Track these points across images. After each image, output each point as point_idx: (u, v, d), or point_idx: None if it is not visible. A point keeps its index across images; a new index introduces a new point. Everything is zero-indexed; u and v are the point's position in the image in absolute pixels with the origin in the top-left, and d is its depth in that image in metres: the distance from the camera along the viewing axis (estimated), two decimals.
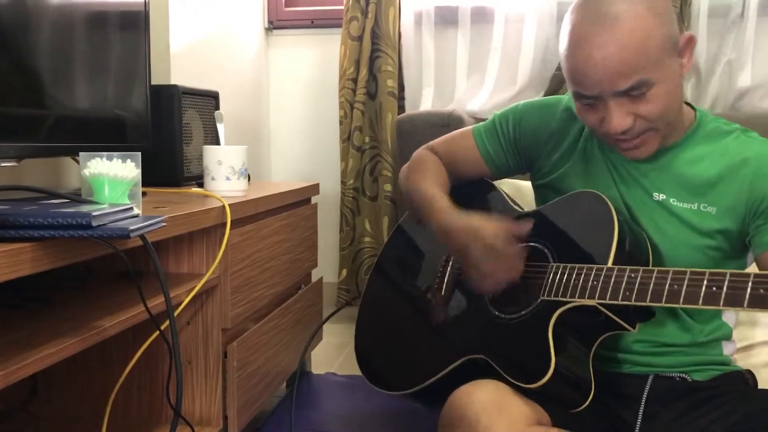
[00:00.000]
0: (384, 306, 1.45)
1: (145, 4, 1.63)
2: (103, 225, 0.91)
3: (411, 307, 1.39)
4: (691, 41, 1.15)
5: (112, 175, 1.09)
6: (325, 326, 2.19)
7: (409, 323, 1.37)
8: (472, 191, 1.42)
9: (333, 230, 2.87)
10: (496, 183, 1.45)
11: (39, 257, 0.88)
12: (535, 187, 1.39)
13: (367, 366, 1.39)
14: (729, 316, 1.26)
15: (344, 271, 2.76)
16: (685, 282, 0.98)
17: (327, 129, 2.88)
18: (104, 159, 1.09)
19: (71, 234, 0.88)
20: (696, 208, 1.17)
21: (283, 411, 1.83)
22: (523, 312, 1.16)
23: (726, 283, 0.93)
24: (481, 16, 2.61)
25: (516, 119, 1.35)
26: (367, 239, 2.74)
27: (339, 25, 2.69)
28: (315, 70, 2.89)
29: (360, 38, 2.64)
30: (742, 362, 1.49)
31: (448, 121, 2.10)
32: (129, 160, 1.12)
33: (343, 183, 2.73)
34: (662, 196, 1.19)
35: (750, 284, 0.91)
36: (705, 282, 0.96)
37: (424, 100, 2.66)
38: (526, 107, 1.36)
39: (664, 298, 1.00)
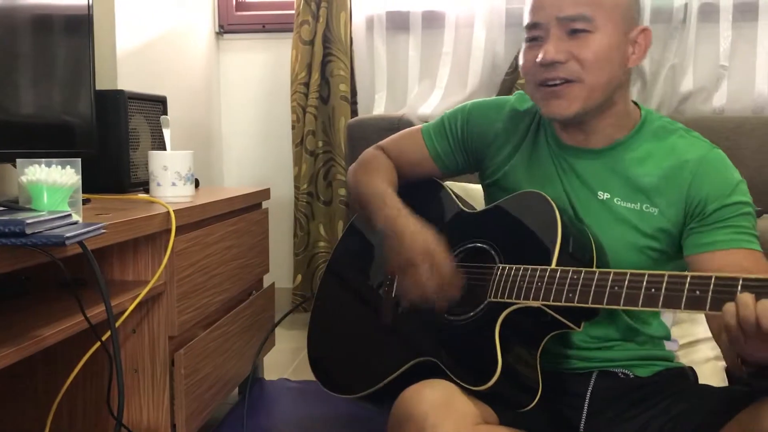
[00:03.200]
0: (336, 308, 1.45)
1: (89, 7, 1.61)
2: (39, 233, 0.89)
3: (362, 309, 1.39)
4: (645, 37, 1.18)
5: (51, 182, 1.08)
6: (278, 332, 2.18)
7: (360, 326, 1.37)
8: (420, 190, 1.42)
9: (287, 235, 2.85)
10: (446, 183, 1.46)
11: None
12: (484, 186, 1.40)
13: (320, 370, 1.39)
14: (666, 316, 1.29)
15: (299, 277, 2.76)
16: (626, 284, 1.00)
17: (280, 133, 2.87)
18: (42, 165, 1.08)
19: (4, 242, 0.86)
20: (639, 208, 1.19)
21: (235, 418, 1.81)
22: (471, 314, 1.17)
23: (664, 285, 0.96)
24: (432, 21, 2.63)
25: (464, 118, 1.36)
26: (321, 244, 2.74)
27: (290, 30, 2.68)
28: (267, 75, 2.88)
29: (312, 42, 2.64)
30: (685, 359, 1.54)
31: (398, 126, 2.11)
32: (69, 167, 1.10)
33: (296, 187, 2.72)
34: (607, 195, 1.21)
35: (687, 286, 0.93)
36: (644, 284, 0.98)
37: (377, 105, 2.66)
38: (474, 107, 1.37)
39: (606, 299, 1.02)
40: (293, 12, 2.66)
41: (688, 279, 0.94)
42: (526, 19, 1.19)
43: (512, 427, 1.12)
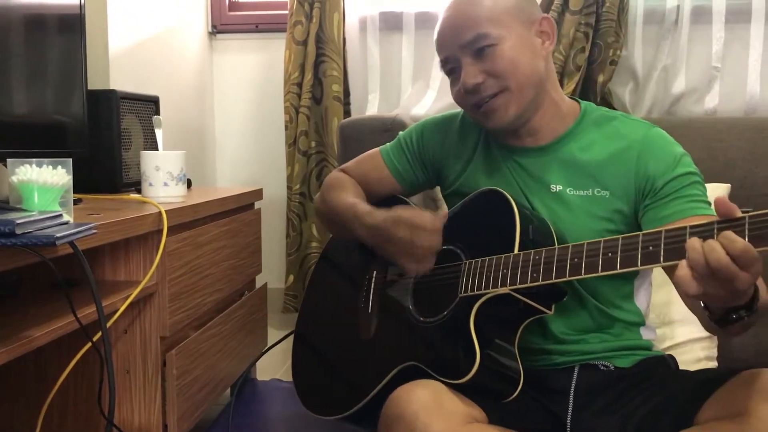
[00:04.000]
0: (317, 326, 1.48)
1: (81, 7, 1.60)
2: (29, 233, 0.89)
3: (342, 325, 1.40)
4: (548, 23, 1.27)
5: (42, 182, 1.07)
6: (270, 333, 2.18)
7: (341, 343, 1.39)
8: (383, 206, 1.44)
9: (279, 236, 2.85)
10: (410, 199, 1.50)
11: None
12: (445, 198, 1.46)
13: (308, 397, 1.41)
14: (641, 300, 1.31)
15: (291, 277, 2.75)
16: (584, 253, 1.03)
17: (272, 134, 2.86)
18: (33, 165, 1.07)
19: None
20: (591, 193, 1.25)
21: (227, 419, 1.81)
22: (445, 312, 1.20)
23: (619, 247, 0.98)
24: (426, 22, 2.63)
25: (418, 134, 1.45)
26: (314, 244, 2.73)
27: (283, 30, 2.68)
28: (260, 75, 2.87)
29: (305, 43, 2.63)
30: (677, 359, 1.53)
31: (390, 126, 2.11)
32: (60, 167, 1.10)
33: (289, 188, 2.72)
34: (559, 187, 1.27)
35: (640, 244, 0.96)
36: (601, 250, 1.01)
37: (370, 105, 2.66)
38: (427, 122, 1.46)
39: (567, 271, 1.04)
40: (286, 12, 2.66)
41: (641, 237, 0.96)
42: (439, 56, 1.29)
43: (501, 425, 1.12)
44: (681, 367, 1.34)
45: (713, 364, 1.65)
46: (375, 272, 1.39)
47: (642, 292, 1.32)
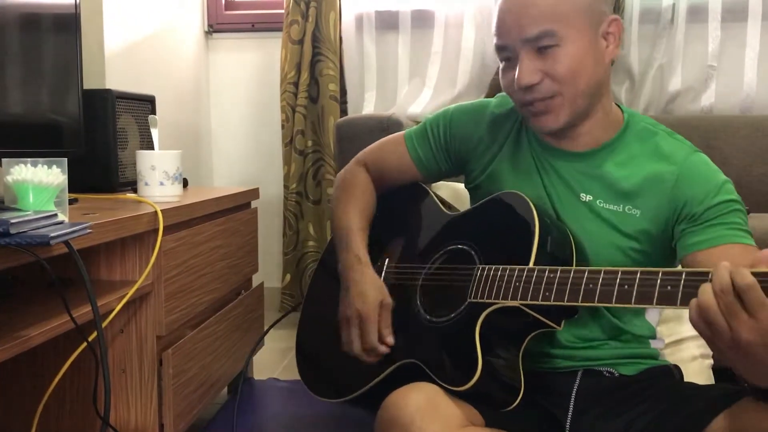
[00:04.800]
0: (322, 314, 1.46)
1: (76, 6, 1.60)
2: (23, 232, 0.89)
3: None
4: (617, 25, 1.18)
5: (37, 182, 1.07)
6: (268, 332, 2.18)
7: None
8: (404, 194, 1.43)
9: (276, 235, 2.85)
10: (432, 186, 1.46)
11: None
12: (469, 190, 1.40)
13: (308, 375, 1.40)
14: (651, 315, 1.30)
15: (288, 276, 2.75)
16: (600, 281, 1.00)
17: (269, 133, 2.86)
18: (29, 165, 1.07)
19: None
20: (621, 209, 1.19)
21: (224, 418, 1.81)
22: (452, 315, 1.18)
23: (637, 281, 0.96)
24: (422, 21, 2.64)
25: (446, 123, 1.36)
26: (310, 243, 2.74)
27: (280, 29, 2.68)
28: (256, 74, 2.87)
29: (301, 42, 2.64)
30: (671, 357, 1.54)
31: (387, 125, 2.11)
32: (55, 166, 1.10)
33: (285, 187, 2.72)
34: (589, 198, 1.21)
35: (659, 281, 0.94)
36: (617, 280, 0.98)
37: (366, 104, 2.67)
38: (456, 111, 1.37)
39: (581, 297, 1.02)
40: (282, 11, 2.66)
41: (660, 274, 0.94)
42: (496, 41, 1.20)
43: (498, 428, 1.12)
44: (676, 364, 1.33)
45: (708, 362, 1.65)
46: (387, 261, 1.37)
47: (653, 309, 1.30)
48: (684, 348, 1.64)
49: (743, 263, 0.82)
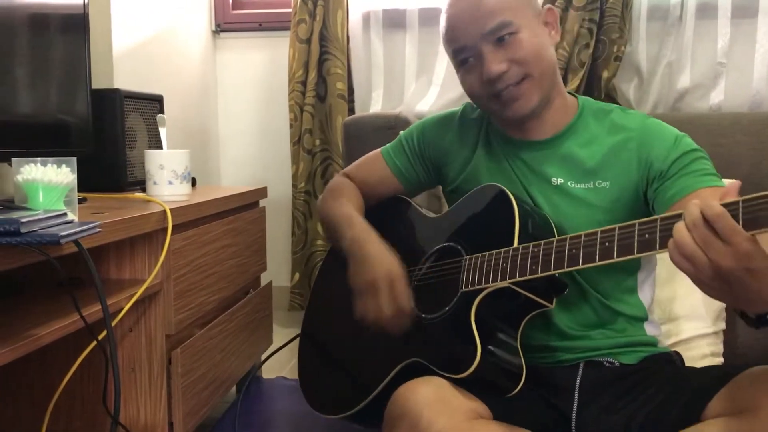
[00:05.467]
0: (322, 325, 1.48)
1: (84, 6, 1.61)
2: (33, 231, 0.89)
3: (346, 323, 1.39)
4: (551, 14, 1.29)
5: (47, 181, 1.08)
6: (275, 330, 2.18)
7: (345, 341, 1.40)
8: (387, 206, 1.48)
9: (285, 234, 2.85)
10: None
11: None
12: (446, 194, 1.47)
13: (312, 394, 1.42)
14: (644, 295, 1.31)
15: (297, 275, 2.75)
16: (581, 244, 1.03)
17: (277, 132, 2.86)
18: (38, 165, 1.08)
19: None
20: (592, 186, 1.25)
21: (233, 416, 1.81)
22: (447, 308, 1.20)
23: (616, 236, 0.98)
24: (429, 19, 2.63)
25: (419, 133, 1.46)
26: (319, 242, 2.73)
27: (287, 28, 2.68)
28: (264, 73, 2.87)
29: (308, 41, 2.63)
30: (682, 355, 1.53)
31: (394, 123, 2.10)
32: (64, 166, 1.10)
33: (294, 186, 2.72)
34: (560, 180, 1.27)
35: (636, 231, 0.95)
36: (598, 239, 1.00)
37: (374, 102, 2.66)
38: (426, 122, 1.47)
39: (566, 262, 1.04)
40: (290, 10, 2.66)
41: (637, 225, 0.96)
42: (453, 46, 1.26)
43: (506, 421, 1.12)
44: (687, 364, 1.33)
45: (719, 360, 1.65)
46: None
47: (646, 287, 1.32)
48: (694, 347, 1.63)
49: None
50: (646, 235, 0.94)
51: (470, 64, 1.25)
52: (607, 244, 0.99)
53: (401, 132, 1.50)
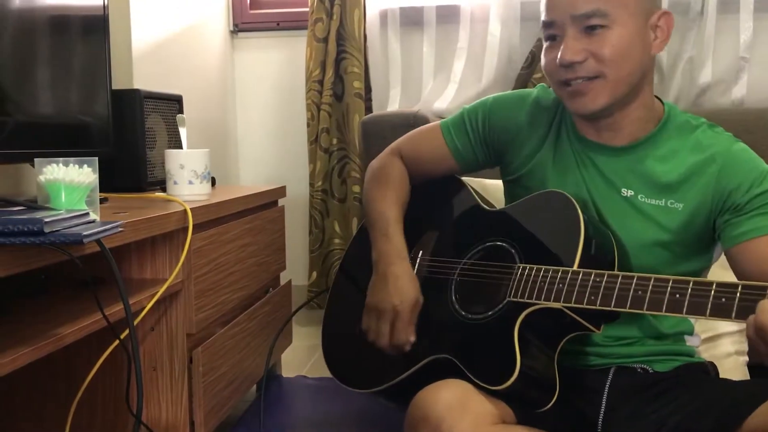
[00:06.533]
0: (349, 305, 1.44)
1: (104, 8, 1.61)
2: (57, 231, 0.90)
3: None
4: (666, 20, 1.17)
5: (69, 181, 1.08)
6: (294, 329, 2.19)
7: None
8: (440, 187, 1.41)
9: (302, 233, 2.86)
10: (466, 180, 1.45)
11: None
12: (505, 182, 1.38)
13: (335, 364, 1.39)
14: None
15: (314, 274, 2.76)
16: (650, 288, 0.99)
17: (294, 131, 2.87)
18: (60, 165, 1.08)
19: (23, 241, 0.86)
20: (663, 204, 1.18)
21: (253, 415, 1.82)
22: (490, 313, 1.17)
23: (689, 291, 0.94)
24: (447, 16, 2.62)
25: (485, 113, 1.34)
26: (336, 241, 2.74)
27: (304, 27, 2.68)
28: (281, 73, 2.88)
29: (325, 40, 2.64)
30: (706, 353, 1.51)
31: (413, 122, 2.10)
32: (86, 166, 1.10)
33: (311, 185, 2.72)
34: (630, 193, 1.20)
35: (712, 293, 0.92)
36: (669, 289, 0.97)
37: (391, 101, 2.66)
38: (495, 101, 1.35)
39: (629, 303, 1.01)
40: (307, 10, 2.66)
41: (714, 285, 0.92)
42: (543, 17, 1.18)
43: (529, 425, 1.11)
44: (712, 362, 1.31)
45: (743, 358, 1.62)
46: (420, 253, 1.35)
47: None
48: (719, 344, 1.61)
49: None
50: (723, 299, 0.90)
51: (554, 43, 1.16)
52: (677, 296, 0.95)
53: (464, 107, 1.39)
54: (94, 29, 1.59)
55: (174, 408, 1.42)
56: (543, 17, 1.18)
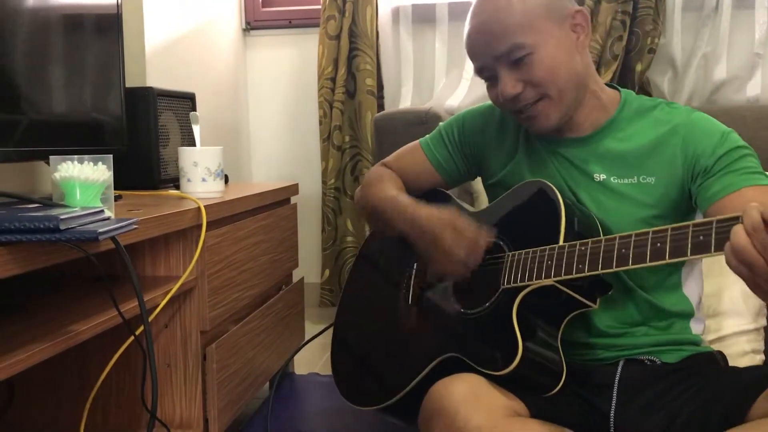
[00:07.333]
0: (357, 318, 1.48)
1: (118, 6, 1.62)
2: (72, 228, 0.90)
3: (382, 316, 1.40)
4: (582, 16, 1.22)
5: (83, 178, 1.08)
6: (307, 327, 2.19)
7: (381, 333, 1.39)
8: (425, 198, 1.44)
9: (315, 230, 2.86)
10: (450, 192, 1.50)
11: (7, 262, 0.87)
12: (486, 188, 1.44)
13: (346, 386, 1.41)
14: (691, 290, 1.28)
15: (327, 271, 2.76)
16: (632, 243, 1.00)
17: (307, 129, 2.87)
18: (75, 162, 1.08)
19: (39, 238, 0.87)
20: (636, 181, 1.22)
21: (266, 412, 1.82)
22: (487, 304, 1.19)
23: (668, 237, 0.96)
24: (459, 14, 2.61)
25: (459, 125, 1.43)
26: (349, 239, 2.74)
27: (317, 25, 2.68)
28: (293, 70, 2.88)
29: (338, 37, 2.63)
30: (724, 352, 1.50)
31: (425, 119, 2.10)
32: (100, 163, 1.11)
33: (324, 183, 2.72)
34: (603, 176, 1.24)
35: (690, 233, 0.93)
36: (650, 240, 0.98)
37: (403, 98, 2.66)
38: (467, 113, 1.45)
39: (615, 262, 1.02)
40: (319, 7, 2.66)
41: (691, 226, 0.93)
42: (473, 65, 1.26)
43: (543, 418, 1.11)
44: (721, 352, 1.30)
45: (760, 357, 1.61)
46: (416, 264, 1.38)
47: (691, 282, 1.29)
48: (733, 343, 1.60)
49: (762, 203, 0.83)
50: (701, 237, 0.91)
51: (492, 82, 1.24)
52: (659, 244, 0.96)
53: (440, 124, 1.48)
54: (108, 28, 1.60)
55: (188, 404, 1.43)
56: (474, 65, 1.25)
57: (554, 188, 1.20)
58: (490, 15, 1.19)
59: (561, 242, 1.12)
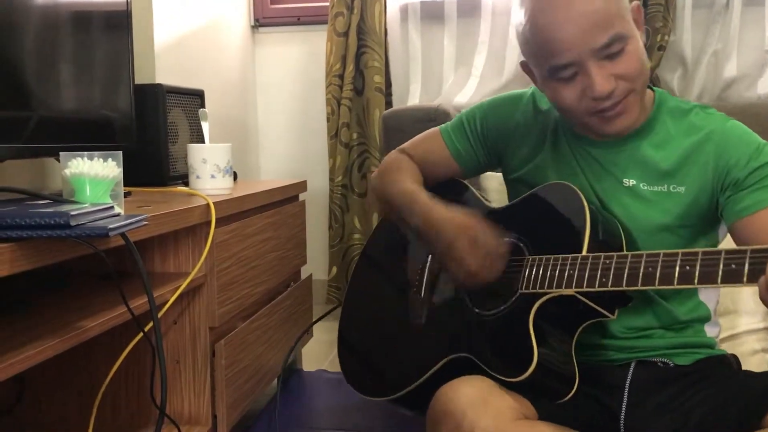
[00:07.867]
0: (365, 309, 1.46)
1: (127, 4, 1.62)
2: (82, 224, 0.90)
3: (392, 309, 1.39)
4: (638, 11, 1.17)
5: (93, 175, 1.08)
6: (315, 324, 2.19)
7: (391, 326, 1.37)
8: (445, 191, 1.41)
9: (322, 227, 2.86)
10: (467, 182, 1.46)
11: (17, 258, 0.87)
12: (507, 181, 1.39)
13: (354, 376, 1.40)
14: (708, 296, 1.26)
15: (334, 269, 2.76)
16: (659, 263, 0.98)
17: (315, 126, 2.87)
18: (85, 159, 1.09)
19: (49, 234, 0.87)
20: (666, 189, 1.18)
21: (274, 408, 1.82)
22: (503, 307, 1.17)
23: (699, 261, 0.93)
24: (467, 11, 2.61)
25: (482, 115, 1.37)
26: (356, 236, 2.74)
27: (325, 22, 2.68)
28: (302, 67, 2.88)
29: (346, 34, 2.63)
30: (730, 351, 1.50)
31: (434, 116, 2.09)
32: (110, 159, 1.11)
33: (331, 180, 2.72)
34: (632, 182, 1.20)
35: (722, 260, 0.91)
36: (678, 262, 0.96)
37: (412, 95, 2.65)
38: (491, 103, 1.38)
39: (640, 280, 1.00)
40: (327, 4, 2.66)
41: (723, 253, 0.91)
42: (552, 62, 1.12)
43: (552, 421, 1.10)
44: (735, 355, 1.29)
45: None
46: (430, 257, 1.35)
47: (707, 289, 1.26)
48: (744, 342, 1.59)
49: None
50: (733, 266, 0.89)
51: (569, 79, 1.12)
52: (687, 267, 0.94)
53: (462, 111, 1.41)
54: (117, 25, 1.60)
55: (196, 401, 1.43)
56: (554, 62, 1.11)
57: (581, 194, 1.16)
58: (587, 3, 1.07)
59: (584, 252, 1.09)
